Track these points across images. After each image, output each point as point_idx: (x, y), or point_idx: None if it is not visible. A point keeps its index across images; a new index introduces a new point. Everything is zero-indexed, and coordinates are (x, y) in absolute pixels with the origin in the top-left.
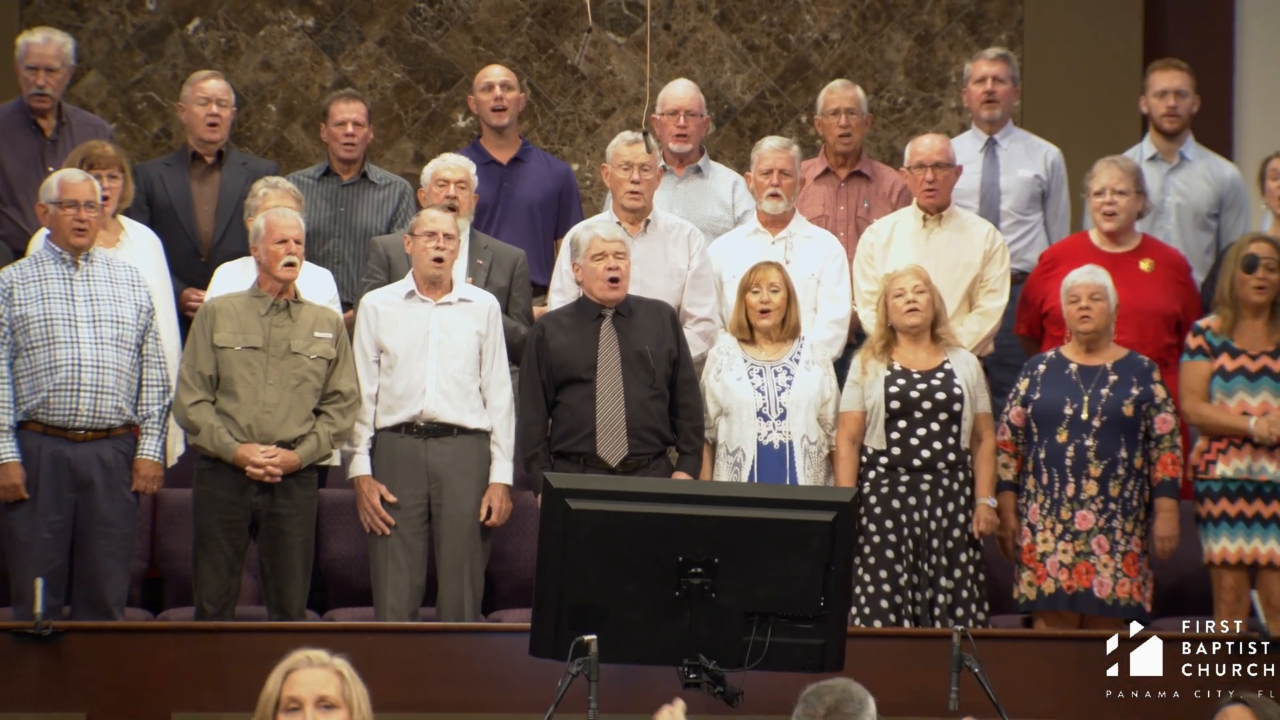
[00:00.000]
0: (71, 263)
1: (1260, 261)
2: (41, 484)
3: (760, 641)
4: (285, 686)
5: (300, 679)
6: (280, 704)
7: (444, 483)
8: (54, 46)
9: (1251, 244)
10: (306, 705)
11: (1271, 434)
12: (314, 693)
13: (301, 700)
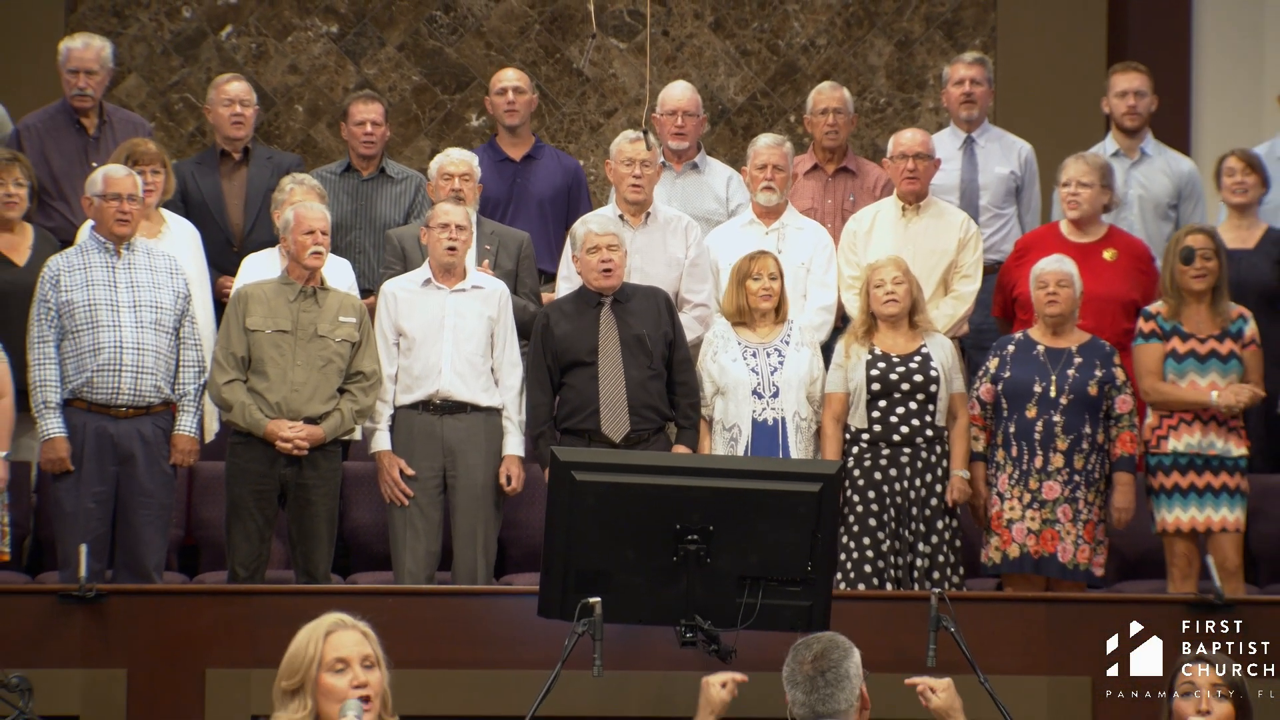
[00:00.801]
0: (114, 252)
1: (1196, 253)
2: (86, 458)
3: (752, 603)
4: (328, 648)
5: (342, 641)
6: (325, 663)
7: (458, 456)
8: (93, 51)
9: (1188, 236)
10: (354, 664)
11: (1237, 404)
12: (359, 653)
13: (349, 660)
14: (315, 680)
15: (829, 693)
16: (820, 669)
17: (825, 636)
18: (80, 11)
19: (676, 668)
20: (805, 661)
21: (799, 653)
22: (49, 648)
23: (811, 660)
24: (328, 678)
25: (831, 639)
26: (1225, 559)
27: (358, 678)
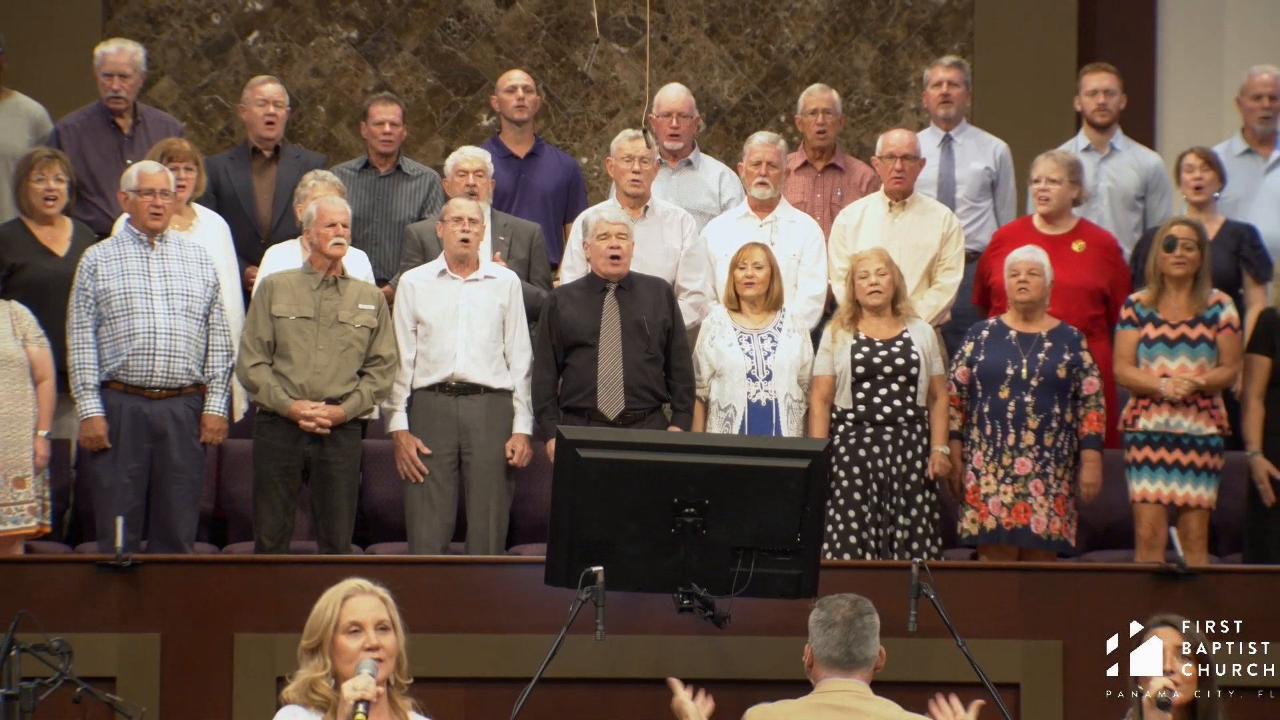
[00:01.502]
0: (148, 243)
1: (1179, 242)
2: (122, 436)
3: (745, 572)
4: (344, 612)
5: (358, 605)
6: (340, 626)
7: (472, 434)
8: (126, 55)
9: (1172, 226)
10: (368, 628)
11: (1176, 393)
12: (374, 617)
13: (363, 624)
14: (332, 641)
15: (864, 635)
16: (858, 612)
17: (850, 595)
18: (116, 18)
19: (674, 632)
20: (842, 608)
21: (832, 602)
22: (87, 613)
23: (850, 605)
24: (343, 639)
25: (859, 597)
26: (1190, 532)
27: (370, 640)
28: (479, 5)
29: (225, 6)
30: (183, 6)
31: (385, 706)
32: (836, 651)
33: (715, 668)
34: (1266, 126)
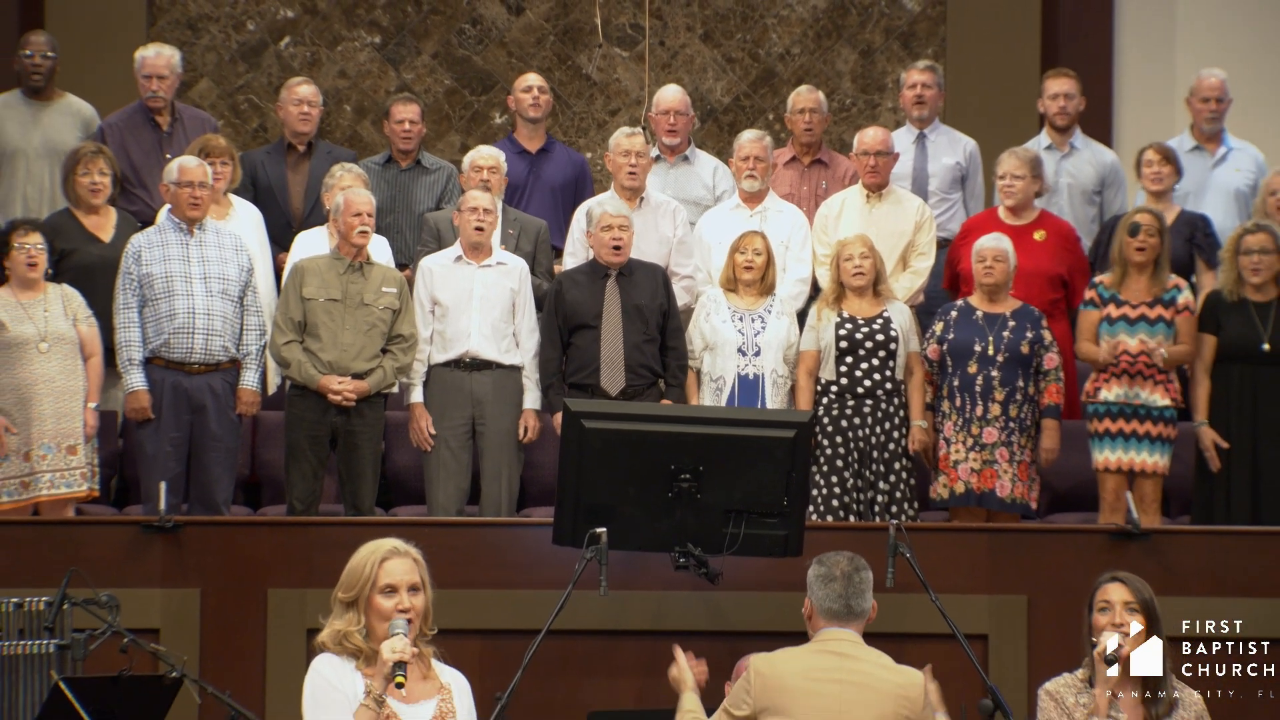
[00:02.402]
0: (187, 231)
1: (1142, 228)
2: (164, 408)
3: (736, 533)
4: (381, 573)
5: (394, 568)
6: (377, 585)
7: (485, 407)
8: (163, 58)
9: (1137, 214)
10: (401, 590)
11: (1109, 357)
12: (408, 580)
13: (398, 586)
14: (368, 598)
15: (861, 589)
16: (855, 568)
17: (846, 552)
18: (159, 25)
19: (671, 588)
20: (841, 564)
21: (830, 560)
22: (133, 571)
23: (848, 561)
24: (378, 598)
25: (854, 554)
26: (1144, 496)
27: (403, 602)
28: (492, 12)
29: (259, 14)
30: (220, 14)
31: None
32: (836, 604)
33: (709, 621)
34: (1213, 125)
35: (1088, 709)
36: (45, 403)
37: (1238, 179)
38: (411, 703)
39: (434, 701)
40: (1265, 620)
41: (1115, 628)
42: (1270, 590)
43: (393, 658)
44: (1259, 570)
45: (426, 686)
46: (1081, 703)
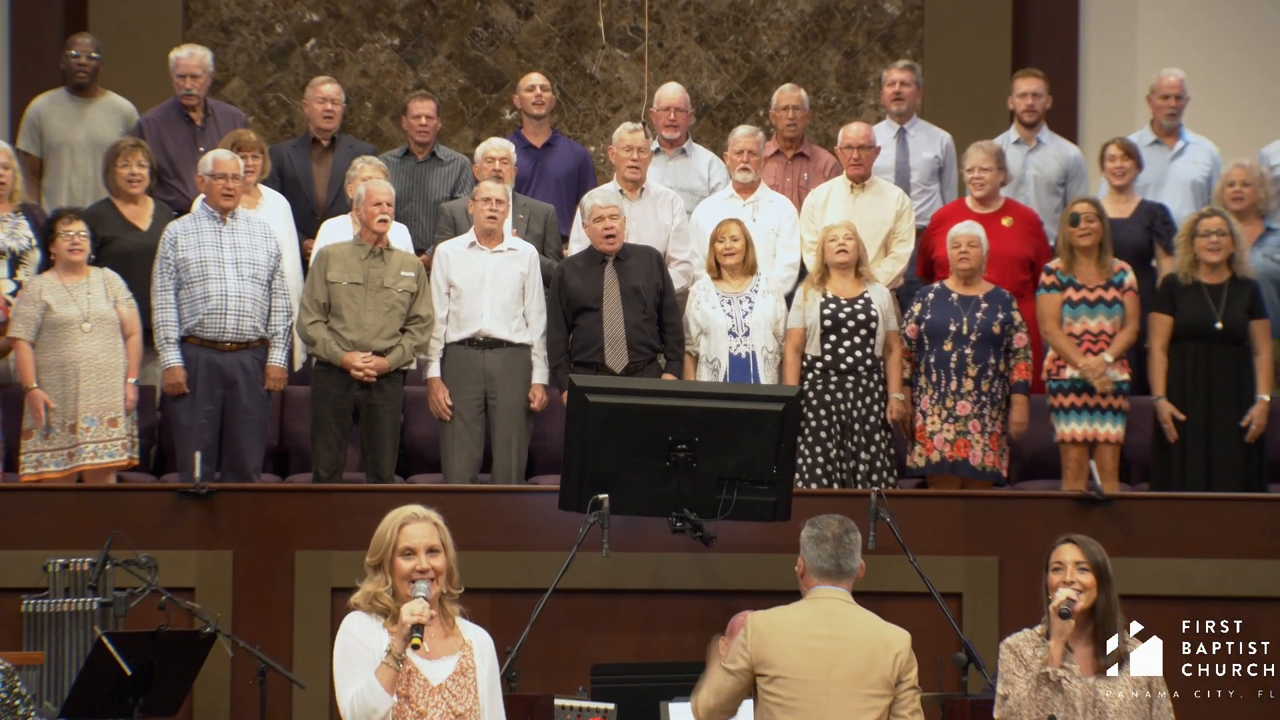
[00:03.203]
0: (220, 220)
1: (1081, 217)
2: (198, 383)
3: (729, 499)
4: (401, 537)
5: (412, 532)
6: (397, 549)
7: (496, 382)
8: (196, 58)
9: (1075, 205)
10: (420, 552)
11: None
12: (425, 542)
13: (416, 548)
14: (391, 561)
15: (851, 549)
16: (845, 530)
17: (837, 515)
18: (194, 28)
19: (669, 550)
20: (832, 526)
21: (822, 522)
22: (170, 534)
23: (839, 523)
24: (400, 560)
25: (844, 517)
26: (1104, 464)
27: (421, 564)
28: (502, 16)
29: (287, 17)
30: (250, 18)
31: (436, 617)
32: (828, 564)
33: (703, 580)
34: (1172, 121)
35: (1044, 660)
36: (88, 379)
37: (1194, 171)
38: (434, 659)
39: (455, 658)
40: (1223, 580)
41: (1067, 585)
42: (1223, 552)
43: (410, 620)
44: (1213, 533)
45: (449, 643)
46: (1038, 655)
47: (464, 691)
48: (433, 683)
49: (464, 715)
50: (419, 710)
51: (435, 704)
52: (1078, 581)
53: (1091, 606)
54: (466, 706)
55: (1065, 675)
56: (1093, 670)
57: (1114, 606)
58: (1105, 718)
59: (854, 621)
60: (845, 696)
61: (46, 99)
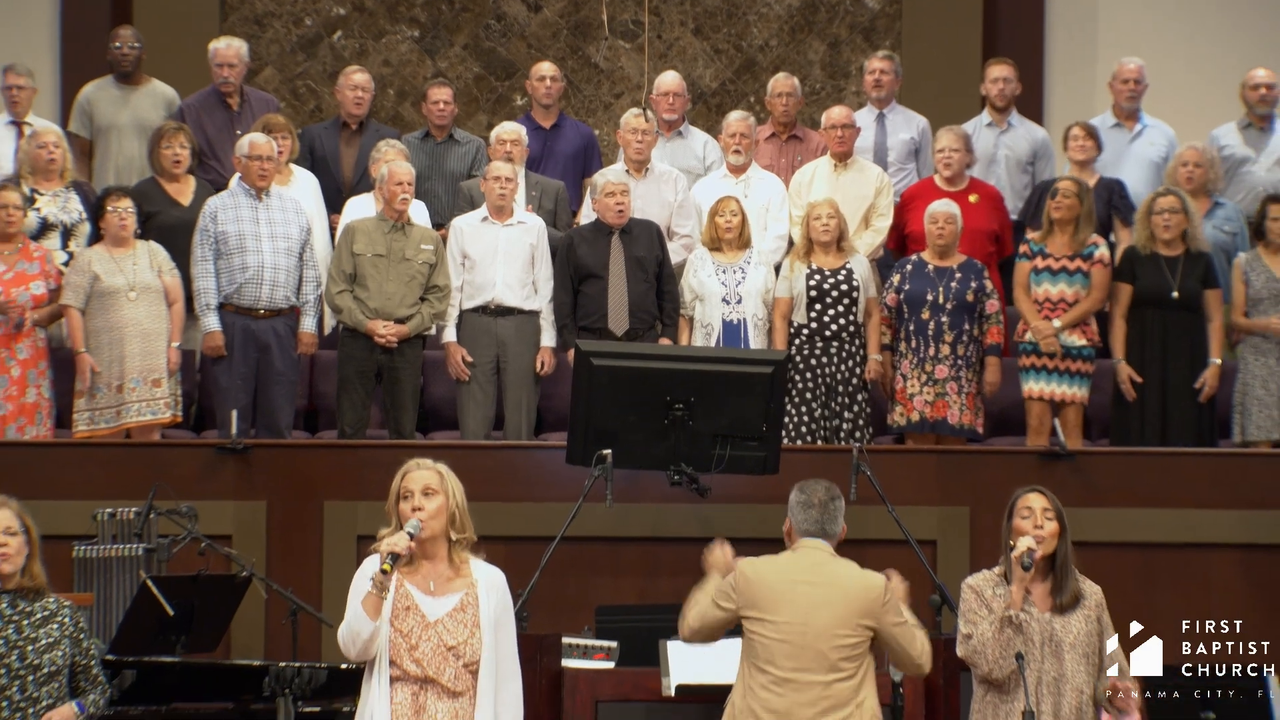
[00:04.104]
0: (255, 196)
1: (1060, 191)
2: (235, 347)
3: (722, 454)
4: (402, 485)
5: (412, 478)
6: (401, 495)
7: (508, 346)
8: (233, 49)
9: (1059, 182)
10: (415, 493)
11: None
12: (420, 485)
13: (412, 490)
14: (395, 507)
15: (834, 515)
16: (830, 497)
17: (824, 482)
18: (230, 20)
19: (667, 501)
20: (818, 493)
21: (810, 488)
22: (209, 486)
23: (824, 490)
24: (402, 505)
25: (830, 483)
26: (1068, 422)
27: (416, 503)
28: (514, 10)
29: (315, 11)
30: (282, 11)
31: (444, 556)
32: (813, 527)
33: (698, 529)
34: (1131, 105)
35: (1005, 600)
36: (134, 343)
37: (1152, 151)
38: (437, 596)
39: (458, 595)
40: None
41: (1035, 529)
42: (1177, 502)
43: (387, 548)
44: (1167, 485)
45: (457, 582)
46: (999, 594)
47: (460, 627)
48: (429, 618)
49: (456, 648)
50: (411, 643)
51: (428, 637)
52: (1045, 527)
53: (1051, 553)
54: (460, 640)
55: (1027, 616)
56: (1049, 608)
57: (1069, 551)
58: (1060, 651)
59: (835, 570)
60: (826, 636)
61: (95, 86)
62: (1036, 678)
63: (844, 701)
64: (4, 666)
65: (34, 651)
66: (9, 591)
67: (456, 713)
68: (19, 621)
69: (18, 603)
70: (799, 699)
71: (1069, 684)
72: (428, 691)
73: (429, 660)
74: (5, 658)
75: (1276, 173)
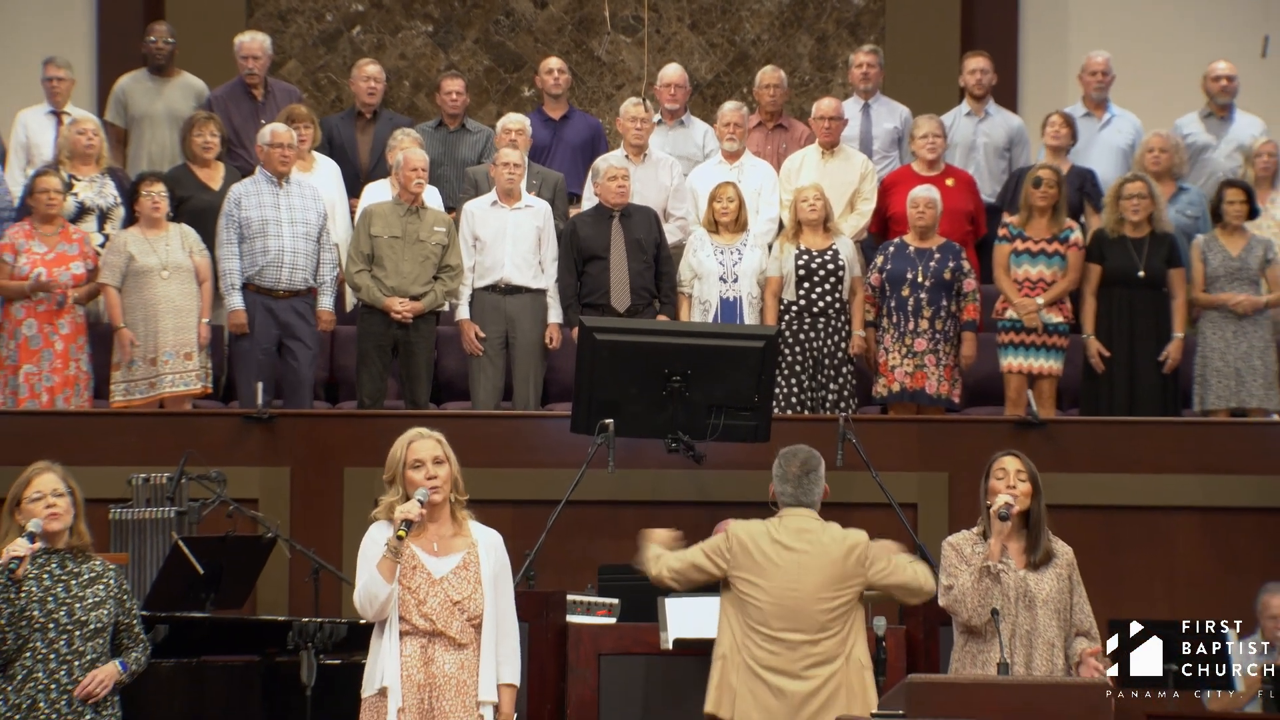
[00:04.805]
0: (277, 183)
1: (1044, 181)
2: (258, 324)
3: (717, 423)
4: (409, 453)
5: (420, 447)
6: (408, 463)
7: (516, 322)
8: (257, 43)
9: (1040, 170)
10: (427, 463)
11: (1028, 319)
12: (431, 455)
13: (424, 460)
14: (403, 475)
15: (809, 487)
16: (805, 470)
17: (804, 449)
18: (255, 16)
19: (665, 467)
20: (794, 465)
21: (788, 459)
22: (237, 453)
23: (799, 464)
24: (410, 473)
25: (810, 451)
26: (1042, 393)
27: (429, 471)
28: (521, 6)
29: (335, 7)
30: (304, 7)
31: (447, 518)
32: (789, 499)
33: (694, 493)
34: (1100, 95)
35: (983, 556)
36: (166, 319)
37: (1119, 139)
38: (440, 556)
39: (460, 555)
40: (1141, 492)
41: (1009, 489)
42: (1142, 468)
43: (400, 515)
44: (1133, 452)
45: (457, 542)
46: (977, 551)
47: (463, 583)
48: (435, 576)
49: (461, 603)
50: (420, 599)
51: (434, 593)
52: (1018, 487)
53: (1025, 511)
54: (464, 595)
55: (1003, 569)
56: (1023, 565)
57: (1043, 511)
58: (1034, 605)
59: (819, 534)
60: (814, 599)
61: (129, 78)
62: (1010, 630)
63: (832, 656)
64: (53, 622)
65: (81, 609)
66: (58, 552)
67: (462, 663)
68: (68, 581)
69: (66, 563)
70: (791, 655)
71: (1040, 637)
72: (435, 644)
73: (437, 614)
74: (54, 614)
75: (1235, 159)
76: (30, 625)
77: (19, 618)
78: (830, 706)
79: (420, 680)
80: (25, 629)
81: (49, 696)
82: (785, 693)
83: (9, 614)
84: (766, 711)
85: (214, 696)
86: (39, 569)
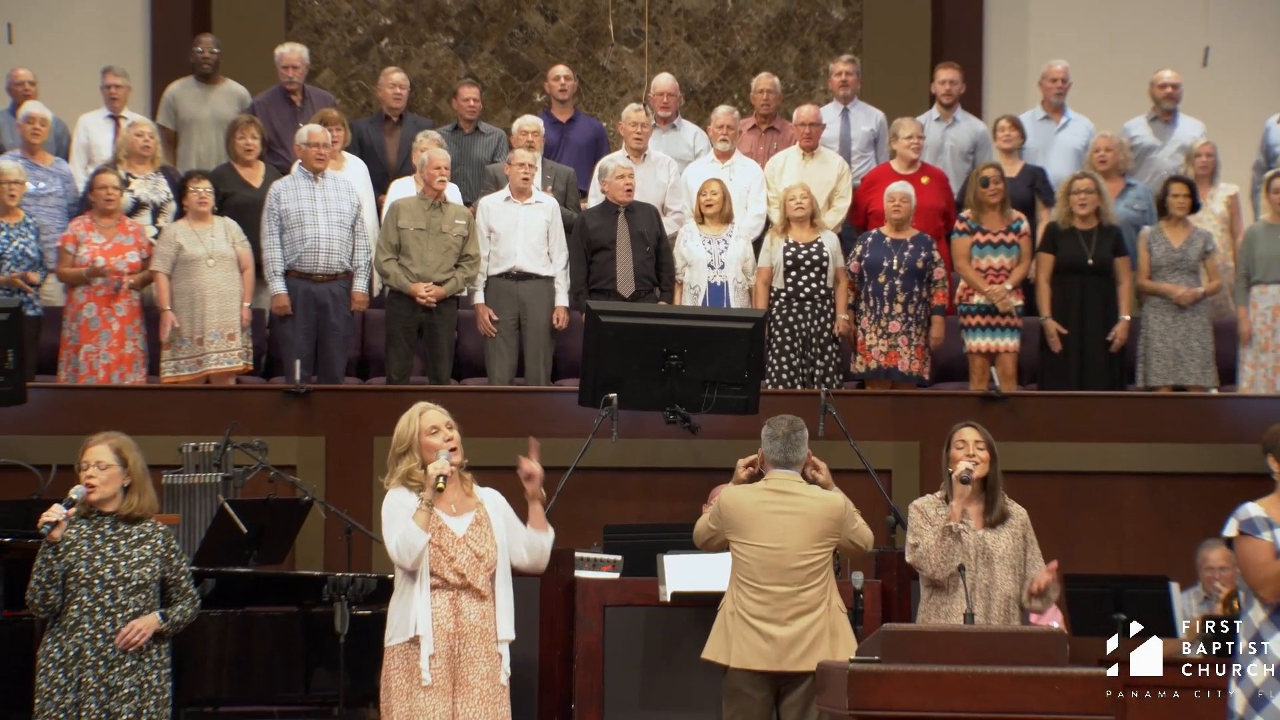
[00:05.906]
0: (314, 179)
1: (990, 180)
2: (297, 306)
3: (710, 397)
4: (423, 421)
5: (432, 416)
6: (423, 430)
7: (528, 306)
8: (296, 54)
9: (985, 170)
10: (443, 428)
11: (1001, 304)
12: (444, 420)
13: (439, 426)
14: (419, 442)
15: (795, 444)
16: (793, 429)
17: (789, 416)
18: (294, 29)
19: (664, 437)
20: (782, 425)
21: (776, 422)
22: (277, 423)
23: (788, 424)
24: (427, 439)
25: (795, 417)
26: (1005, 369)
27: (446, 435)
28: (534, 20)
29: (366, 22)
30: (338, 21)
31: (457, 482)
32: (779, 456)
33: (691, 461)
34: (1058, 100)
35: (946, 517)
36: (212, 303)
37: (1074, 141)
38: (457, 516)
39: (473, 513)
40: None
41: (969, 458)
42: (1094, 437)
43: (435, 471)
44: (1085, 423)
45: (468, 502)
46: (941, 513)
47: (482, 538)
48: (458, 534)
49: (482, 555)
50: (450, 555)
51: (460, 550)
52: (977, 456)
53: (984, 477)
54: (484, 549)
55: (964, 528)
56: (982, 525)
57: (998, 477)
58: (992, 561)
59: (800, 497)
60: (796, 556)
61: (179, 85)
62: (971, 584)
63: (815, 605)
64: (98, 578)
65: (125, 566)
66: (110, 514)
67: (484, 613)
68: (117, 540)
69: (119, 525)
70: (778, 605)
71: (998, 590)
72: (462, 596)
73: (466, 568)
74: (100, 570)
75: (1178, 159)
76: (77, 580)
77: (66, 574)
78: (815, 649)
79: (450, 629)
80: (73, 584)
81: (95, 645)
82: (774, 638)
83: (48, 573)
84: (759, 654)
85: (258, 643)
86: (92, 529)
